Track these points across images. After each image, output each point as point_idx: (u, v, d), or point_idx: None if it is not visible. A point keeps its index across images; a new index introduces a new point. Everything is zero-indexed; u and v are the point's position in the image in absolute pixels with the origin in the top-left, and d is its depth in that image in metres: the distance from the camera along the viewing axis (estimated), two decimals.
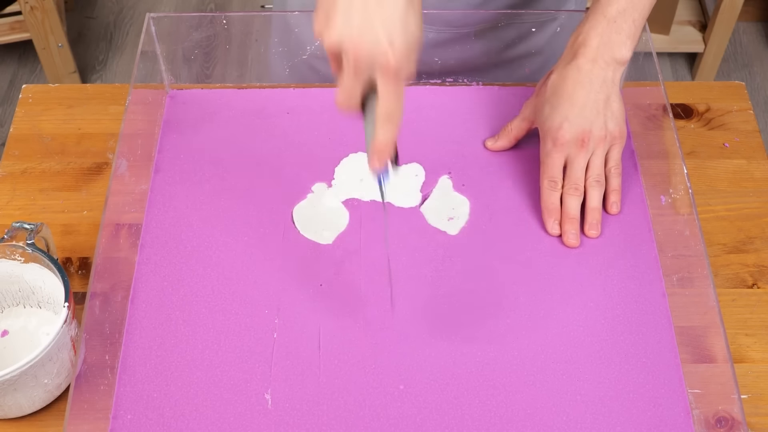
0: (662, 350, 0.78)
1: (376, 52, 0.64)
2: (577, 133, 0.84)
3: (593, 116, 0.84)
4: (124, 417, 0.74)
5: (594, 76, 0.84)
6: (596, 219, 0.86)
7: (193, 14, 1.10)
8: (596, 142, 0.85)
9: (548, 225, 0.86)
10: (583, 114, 0.84)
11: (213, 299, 0.81)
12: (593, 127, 0.84)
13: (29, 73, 2.24)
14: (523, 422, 0.74)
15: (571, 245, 0.85)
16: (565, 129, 0.84)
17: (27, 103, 1.02)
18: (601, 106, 0.84)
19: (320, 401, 0.75)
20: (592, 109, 0.84)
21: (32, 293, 0.82)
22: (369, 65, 0.65)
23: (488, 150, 0.93)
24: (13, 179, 0.95)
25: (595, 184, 0.86)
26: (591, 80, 0.84)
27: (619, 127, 0.86)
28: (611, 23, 0.84)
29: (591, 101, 0.84)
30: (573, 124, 0.84)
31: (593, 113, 0.84)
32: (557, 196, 0.86)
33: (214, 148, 0.93)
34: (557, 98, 0.85)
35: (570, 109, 0.84)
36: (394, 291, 0.81)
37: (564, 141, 0.84)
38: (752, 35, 2.36)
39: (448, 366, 0.77)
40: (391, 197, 0.88)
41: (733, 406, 0.73)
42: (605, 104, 0.84)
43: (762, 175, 0.96)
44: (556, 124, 0.85)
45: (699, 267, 0.80)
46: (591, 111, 0.84)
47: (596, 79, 0.84)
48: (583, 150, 0.85)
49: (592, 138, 0.84)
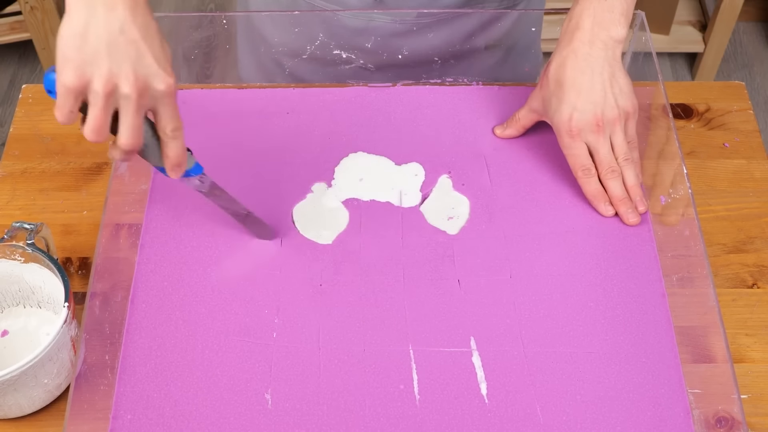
0: (662, 350, 0.78)
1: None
2: (589, 120, 0.84)
3: (601, 99, 0.84)
4: (124, 417, 0.74)
5: (593, 59, 0.83)
6: (639, 195, 0.86)
7: (193, 14, 1.10)
8: (611, 123, 0.85)
9: (601, 209, 0.86)
10: (591, 99, 0.84)
11: (213, 299, 0.81)
12: (604, 110, 0.84)
13: (29, 73, 2.24)
14: (524, 422, 0.74)
15: (633, 223, 0.85)
16: (576, 119, 0.84)
17: (27, 103, 1.01)
18: (607, 86, 0.84)
19: (320, 401, 0.75)
20: (598, 92, 0.84)
21: (32, 293, 0.82)
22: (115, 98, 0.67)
23: (494, 140, 0.93)
24: (13, 179, 0.95)
25: (625, 163, 0.86)
26: (590, 63, 0.83)
27: (630, 101, 0.85)
28: (602, 2, 0.83)
29: (596, 84, 0.84)
30: (583, 111, 0.84)
31: (600, 96, 0.84)
32: (596, 181, 0.86)
33: (214, 148, 0.92)
34: (561, 89, 0.85)
35: (576, 97, 0.84)
36: (395, 292, 0.81)
37: (578, 131, 0.84)
38: (752, 35, 2.36)
39: (447, 365, 0.77)
40: (386, 196, 0.88)
41: (733, 406, 0.73)
42: (611, 83, 0.84)
43: (762, 175, 0.96)
44: (566, 116, 0.85)
45: (699, 267, 0.80)
46: (598, 94, 0.84)
47: (596, 61, 0.83)
48: (601, 134, 0.85)
49: (606, 120, 0.84)
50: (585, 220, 0.87)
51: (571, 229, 0.86)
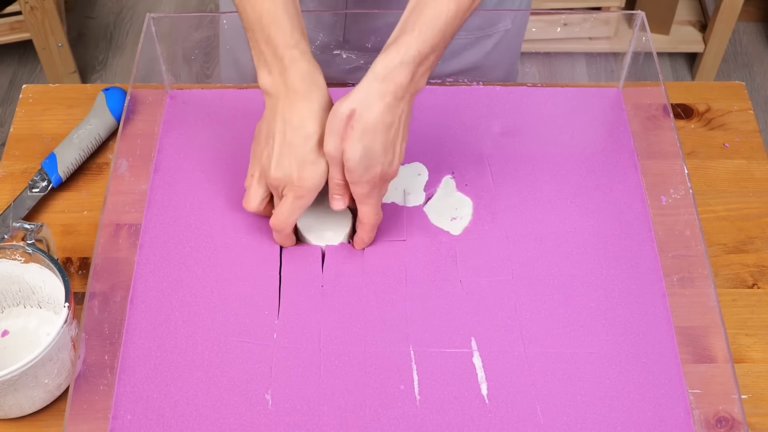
0: (662, 350, 0.78)
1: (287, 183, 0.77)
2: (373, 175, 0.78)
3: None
4: (123, 417, 0.74)
5: (399, 115, 0.77)
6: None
7: (193, 14, 1.10)
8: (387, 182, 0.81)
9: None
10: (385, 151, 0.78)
11: (213, 299, 0.81)
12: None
13: (29, 73, 2.24)
14: (524, 422, 0.74)
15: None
16: (387, 172, 0.79)
17: (27, 103, 1.02)
18: (398, 147, 0.79)
19: (321, 402, 0.75)
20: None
21: (32, 293, 0.82)
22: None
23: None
24: (13, 179, 0.95)
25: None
26: (392, 123, 0.77)
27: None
28: (424, 60, 0.76)
29: (392, 144, 0.78)
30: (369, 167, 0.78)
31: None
32: None
33: (214, 148, 0.92)
34: (370, 145, 0.77)
35: (384, 155, 0.78)
36: (395, 293, 0.81)
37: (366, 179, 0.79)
38: (752, 35, 2.36)
39: (448, 366, 0.77)
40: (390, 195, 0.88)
41: (734, 406, 0.73)
42: (401, 143, 0.79)
43: (762, 175, 0.96)
44: (376, 173, 0.78)
45: (699, 267, 0.80)
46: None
47: (402, 118, 0.78)
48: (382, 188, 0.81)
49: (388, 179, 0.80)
50: (586, 220, 0.87)
51: (572, 230, 0.86)
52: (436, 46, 0.76)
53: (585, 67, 2.21)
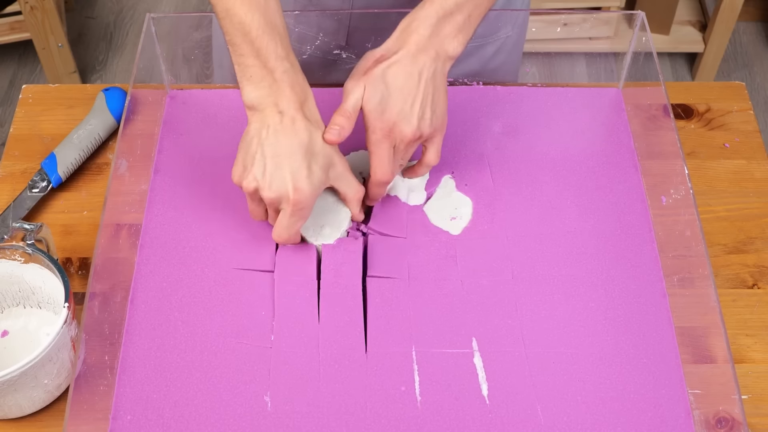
0: (663, 350, 0.78)
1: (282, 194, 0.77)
2: (407, 133, 0.81)
3: (420, 113, 0.80)
4: (123, 417, 0.74)
5: (424, 68, 0.79)
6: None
7: (193, 14, 1.10)
8: (419, 139, 0.82)
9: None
10: (414, 110, 0.80)
11: (212, 300, 0.81)
12: (421, 126, 0.81)
13: (29, 73, 2.24)
14: (524, 422, 0.74)
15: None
16: (400, 127, 0.80)
17: (27, 103, 1.01)
18: (428, 100, 0.80)
19: (320, 403, 0.75)
20: (418, 106, 0.80)
21: (32, 293, 0.82)
22: (278, 203, 0.78)
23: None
24: (13, 179, 0.95)
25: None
26: (420, 71, 0.79)
27: (443, 121, 0.82)
28: (445, 13, 0.79)
29: (418, 97, 0.80)
30: (408, 123, 0.80)
31: (420, 110, 0.80)
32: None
33: (214, 148, 0.92)
34: (388, 90, 0.79)
35: (402, 104, 0.79)
36: (395, 293, 0.81)
37: (395, 137, 0.81)
38: (752, 35, 2.36)
39: (449, 366, 0.77)
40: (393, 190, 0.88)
41: (734, 406, 0.73)
42: (432, 98, 0.80)
43: (762, 175, 0.96)
44: (389, 120, 0.80)
45: (700, 267, 0.80)
46: (418, 107, 0.80)
47: (425, 71, 0.79)
48: (411, 147, 0.83)
49: (424, 135, 0.82)
50: (586, 220, 0.87)
51: (573, 230, 0.86)
52: (461, 4, 0.79)
53: (585, 67, 2.21)
